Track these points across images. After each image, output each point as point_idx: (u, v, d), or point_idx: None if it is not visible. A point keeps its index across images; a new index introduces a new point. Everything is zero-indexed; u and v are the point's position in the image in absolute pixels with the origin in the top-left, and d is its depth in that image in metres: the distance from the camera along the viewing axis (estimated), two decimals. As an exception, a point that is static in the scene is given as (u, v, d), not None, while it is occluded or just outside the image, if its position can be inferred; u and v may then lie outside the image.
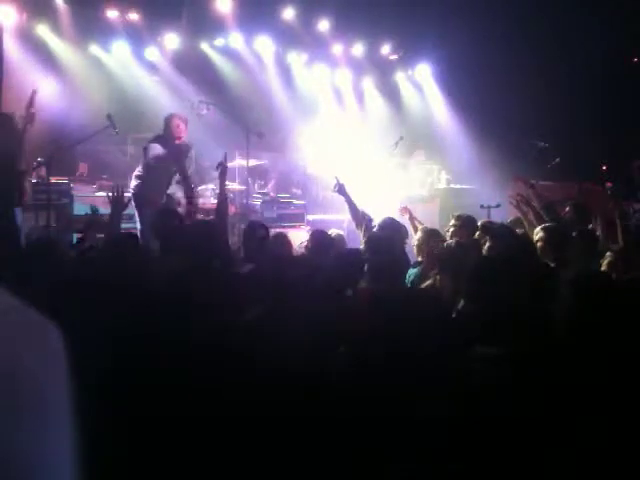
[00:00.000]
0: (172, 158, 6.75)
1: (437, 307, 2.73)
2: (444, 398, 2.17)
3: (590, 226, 5.41)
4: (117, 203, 4.64)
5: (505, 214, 7.13)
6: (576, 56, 10.81)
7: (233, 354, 2.57)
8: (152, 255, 4.47)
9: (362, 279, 3.91)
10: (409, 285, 4.55)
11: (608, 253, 4.28)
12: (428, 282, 4.29)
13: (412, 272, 4.88)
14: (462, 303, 3.37)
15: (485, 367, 2.33)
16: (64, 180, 7.92)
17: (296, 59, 12.06)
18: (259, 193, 9.52)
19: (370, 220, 5.68)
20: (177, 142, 6.97)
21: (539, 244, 4.49)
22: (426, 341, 2.33)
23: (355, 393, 2.35)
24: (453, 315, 3.17)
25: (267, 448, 2.22)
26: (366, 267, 3.95)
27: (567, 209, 6.03)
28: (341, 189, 5.89)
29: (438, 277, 4.14)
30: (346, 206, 5.91)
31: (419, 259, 5.08)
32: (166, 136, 7.02)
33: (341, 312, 3.11)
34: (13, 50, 9.22)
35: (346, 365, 2.57)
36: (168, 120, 7.08)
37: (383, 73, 13.02)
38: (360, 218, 5.68)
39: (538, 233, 4.61)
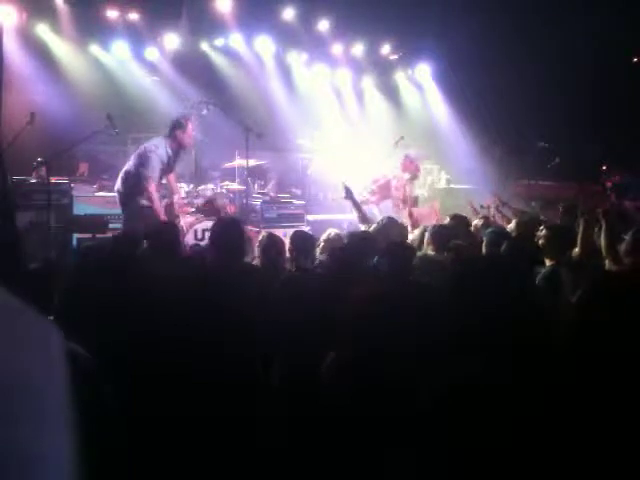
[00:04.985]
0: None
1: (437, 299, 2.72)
2: (444, 395, 2.16)
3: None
4: None
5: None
6: (576, 56, 10.81)
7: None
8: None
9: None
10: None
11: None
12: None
13: None
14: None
15: (486, 364, 2.33)
16: (64, 180, 7.90)
17: (296, 59, 12.07)
18: (259, 193, 9.50)
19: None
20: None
21: (541, 242, 4.47)
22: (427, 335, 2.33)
23: (354, 392, 2.35)
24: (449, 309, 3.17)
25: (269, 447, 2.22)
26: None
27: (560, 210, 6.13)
28: (348, 193, 5.80)
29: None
30: (348, 207, 5.93)
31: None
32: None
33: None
34: (13, 50, 9.23)
35: (345, 366, 2.56)
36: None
37: (383, 73, 13.04)
38: (366, 219, 5.70)
39: (542, 232, 4.60)
